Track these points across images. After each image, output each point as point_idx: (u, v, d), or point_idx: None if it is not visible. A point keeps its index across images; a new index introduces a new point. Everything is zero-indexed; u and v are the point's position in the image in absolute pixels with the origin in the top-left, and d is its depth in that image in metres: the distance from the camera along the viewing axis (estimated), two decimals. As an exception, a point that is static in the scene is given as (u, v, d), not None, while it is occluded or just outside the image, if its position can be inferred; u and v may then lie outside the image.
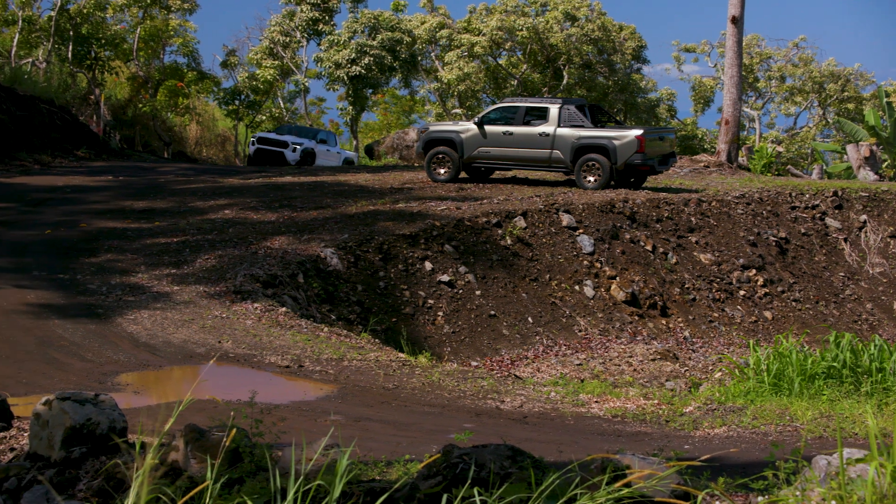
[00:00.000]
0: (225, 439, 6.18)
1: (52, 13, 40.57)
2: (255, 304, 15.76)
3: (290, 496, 4.80)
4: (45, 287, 16.26)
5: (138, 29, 43.67)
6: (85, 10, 41.40)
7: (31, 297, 15.61)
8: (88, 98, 41.65)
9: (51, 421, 6.93)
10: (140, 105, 43.64)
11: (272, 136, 40.16)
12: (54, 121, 34.05)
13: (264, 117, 45.02)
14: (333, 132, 45.84)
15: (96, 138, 37.36)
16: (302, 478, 5.03)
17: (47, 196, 24.30)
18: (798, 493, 4.87)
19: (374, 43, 41.56)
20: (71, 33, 41.09)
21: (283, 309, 15.86)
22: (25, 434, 8.01)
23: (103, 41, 42.49)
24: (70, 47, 41.16)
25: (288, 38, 43.87)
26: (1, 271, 17.10)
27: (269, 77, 43.72)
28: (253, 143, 40.33)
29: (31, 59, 40.69)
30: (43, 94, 35.03)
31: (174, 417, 5.59)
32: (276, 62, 44.05)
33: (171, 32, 45.14)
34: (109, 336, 13.88)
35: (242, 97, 44.52)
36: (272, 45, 44.15)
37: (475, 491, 5.03)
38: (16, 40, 40.06)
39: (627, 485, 5.03)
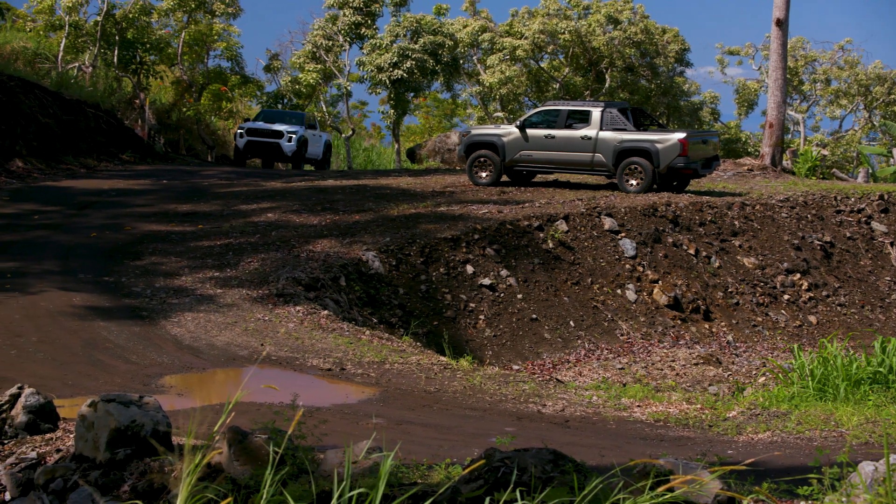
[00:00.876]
0: (281, 440, 6.20)
1: (99, 18, 40.92)
2: (298, 308, 15.83)
3: (335, 499, 4.81)
4: (91, 290, 16.42)
5: (183, 33, 43.93)
6: (130, 15, 41.73)
7: (77, 299, 15.76)
8: (133, 102, 41.99)
9: (96, 423, 6.99)
10: (184, 109, 43.90)
11: (262, 125, 36.97)
12: (100, 125, 34.35)
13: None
14: (314, 114, 43.26)
15: (141, 142, 37.63)
16: (346, 481, 5.04)
17: (93, 199, 24.54)
18: (844, 498, 4.83)
19: (416, 47, 41.61)
20: (116, 38, 41.43)
21: (325, 312, 15.92)
22: (71, 435, 8.09)
23: (148, 46, 42.82)
24: (116, 52, 41.49)
25: (331, 42, 44.01)
26: (48, 274, 17.28)
27: (311, 81, 43.88)
28: (241, 135, 36.82)
29: (77, 64, 41.06)
30: (89, 98, 35.35)
31: (225, 416, 5.63)
32: (319, 66, 44.19)
33: (215, 37, 45.37)
34: (153, 338, 13.99)
35: (285, 101, 44.72)
36: (315, 49, 44.31)
37: (517, 494, 5.02)
38: (62, 45, 40.45)
39: (671, 490, 5.00)
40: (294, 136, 36.10)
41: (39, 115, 31.07)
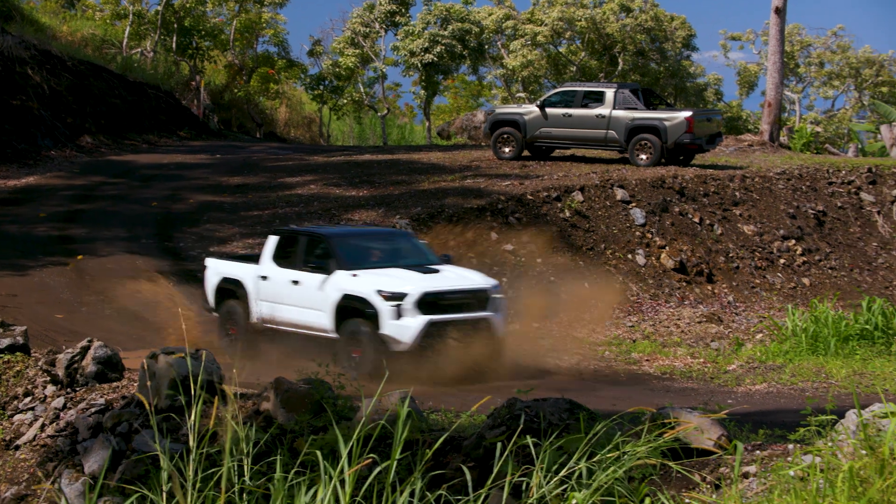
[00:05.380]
0: (323, 391, 6.23)
1: (159, 7, 40.99)
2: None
3: (354, 436, 4.84)
4: (153, 254, 16.54)
5: (234, 21, 43.98)
6: (188, 5, 41.76)
7: (141, 262, 15.88)
8: (190, 84, 42.03)
9: (157, 373, 7.06)
10: (235, 90, 44.00)
11: None
12: (160, 104, 34.50)
13: (345, 101, 45.04)
14: None
15: (197, 120, 37.73)
16: (364, 422, 5.05)
17: (154, 172, 24.64)
18: (831, 443, 4.84)
19: (446, 33, 41.42)
20: (175, 26, 41.48)
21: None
22: (135, 384, 8.16)
23: (203, 33, 42.85)
24: (174, 38, 41.57)
25: (368, 29, 43.85)
26: (115, 239, 17.41)
27: (350, 64, 43.76)
28: None
29: (140, 49, 41.14)
30: (150, 80, 35.50)
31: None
32: (357, 51, 44.05)
33: (264, 24, 45.38)
34: (209, 297, 14.05)
35: (326, 83, 44.61)
36: (354, 36, 44.17)
37: (536, 439, 5.03)
38: (127, 32, 40.56)
39: (677, 437, 5.00)
40: None
41: (107, 96, 31.26)
